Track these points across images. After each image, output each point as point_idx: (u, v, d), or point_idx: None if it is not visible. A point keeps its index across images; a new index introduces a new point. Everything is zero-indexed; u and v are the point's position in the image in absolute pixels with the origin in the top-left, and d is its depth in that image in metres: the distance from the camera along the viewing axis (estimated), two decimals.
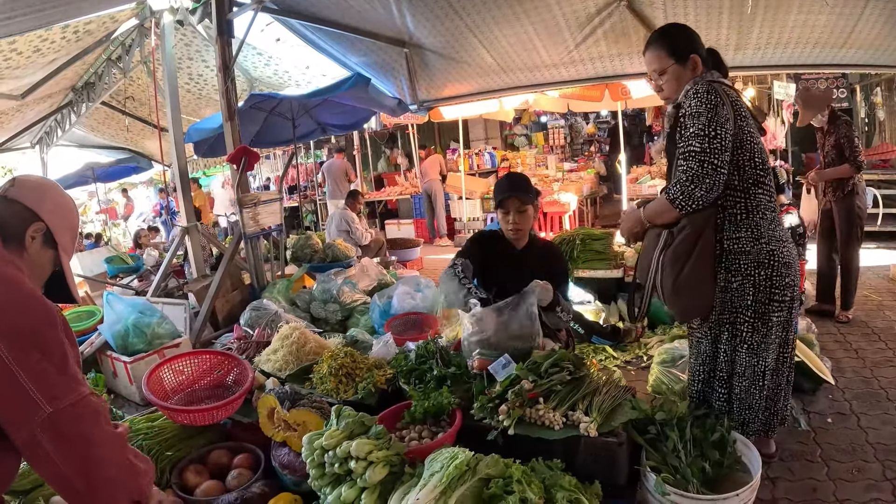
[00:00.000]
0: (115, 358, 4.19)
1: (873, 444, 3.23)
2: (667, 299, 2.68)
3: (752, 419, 2.76)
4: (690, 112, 2.46)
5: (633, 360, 4.68)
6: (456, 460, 1.97)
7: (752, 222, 2.57)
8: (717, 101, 2.44)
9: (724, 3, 4.92)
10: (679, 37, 2.71)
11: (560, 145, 16.30)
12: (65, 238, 1.85)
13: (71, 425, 1.55)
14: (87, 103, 7.90)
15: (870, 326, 4.98)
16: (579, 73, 6.50)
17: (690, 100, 2.49)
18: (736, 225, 2.58)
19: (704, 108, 2.43)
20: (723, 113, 2.43)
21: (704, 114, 2.42)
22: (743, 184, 2.55)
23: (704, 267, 2.57)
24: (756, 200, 2.57)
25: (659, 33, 2.78)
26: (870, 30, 4.90)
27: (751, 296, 2.59)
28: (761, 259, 2.56)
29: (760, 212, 2.58)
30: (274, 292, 5.22)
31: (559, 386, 2.49)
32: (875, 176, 8.44)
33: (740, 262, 2.58)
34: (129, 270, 8.03)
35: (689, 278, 2.56)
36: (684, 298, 2.64)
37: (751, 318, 2.62)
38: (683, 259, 2.55)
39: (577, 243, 5.73)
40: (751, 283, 2.58)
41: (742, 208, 2.57)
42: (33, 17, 4.11)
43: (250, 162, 5.21)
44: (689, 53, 2.64)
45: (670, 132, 2.70)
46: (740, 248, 2.57)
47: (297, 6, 5.44)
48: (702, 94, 2.46)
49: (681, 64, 2.64)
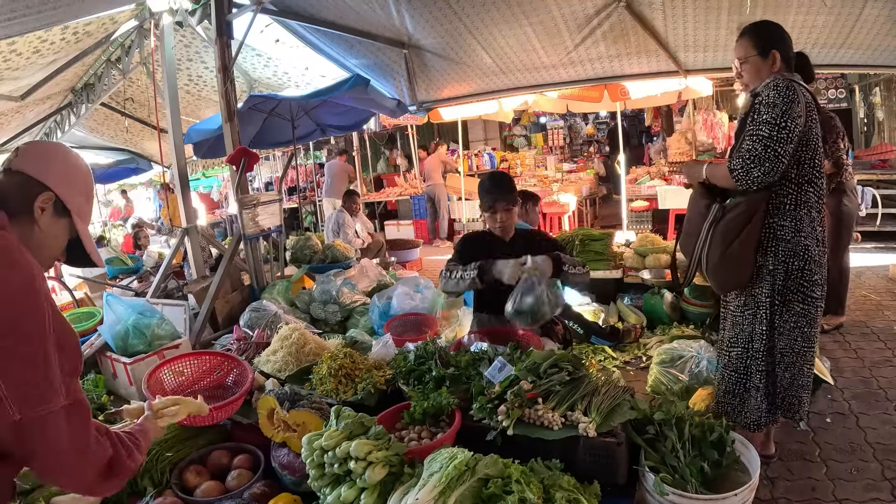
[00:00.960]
0: (114, 359, 4.17)
1: (872, 444, 3.25)
2: (709, 270, 2.87)
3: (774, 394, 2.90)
4: (767, 101, 2.61)
5: (632, 360, 4.69)
6: (455, 460, 1.97)
7: (797, 215, 2.72)
8: (793, 98, 2.58)
9: (722, 3, 4.94)
10: (766, 32, 2.87)
11: (559, 146, 16.34)
12: (77, 202, 1.75)
13: (36, 434, 1.48)
14: (86, 104, 7.88)
15: (869, 326, 5.00)
16: (578, 73, 6.53)
17: (770, 90, 2.63)
18: (782, 214, 2.73)
19: (781, 100, 2.58)
20: (796, 109, 2.58)
21: (780, 105, 2.57)
22: (798, 178, 2.71)
23: (750, 245, 2.76)
24: (805, 196, 2.72)
25: (751, 26, 2.93)
26: (868, 30, 4.92)
27: (781, 281, 2.76)
28: (797, 250, 2.72)
29: (807, 208, 2.73)
30: (274, 293, 5.22)
31: (558, 386, 2.49)
32: (874, 176, 8.44)
33: (779, 248, 2.74)
34: (129, 271, 8.02)
35: (735, 254, 2.76)
36: (727, 272, 2.84)
37: (777, 302, 2.79)
38: (733, 235, 2.74)
39: (576, 244, 5.75)
40: (784, 269, 2.75)
41: (792, 200, 2.72)
42: (33, 18, 4.11)
43: (249, 163, 5.21)
44: (770, 48, 2.78)
45: (744, 118, 2.81)
46: (781, 235, 2.73)
47: (295, 7, 5.45)
48: (781, 88, 2.60)
49: (762, 56, 2.80)
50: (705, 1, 4.95)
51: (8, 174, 1.67)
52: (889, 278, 6.33)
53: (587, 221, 11.43)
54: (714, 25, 5.24)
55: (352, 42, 6.11)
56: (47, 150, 1.79)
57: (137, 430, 1.84)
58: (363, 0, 5.24)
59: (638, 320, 5.15)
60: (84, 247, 1.80)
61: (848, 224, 4.87)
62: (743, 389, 2.97)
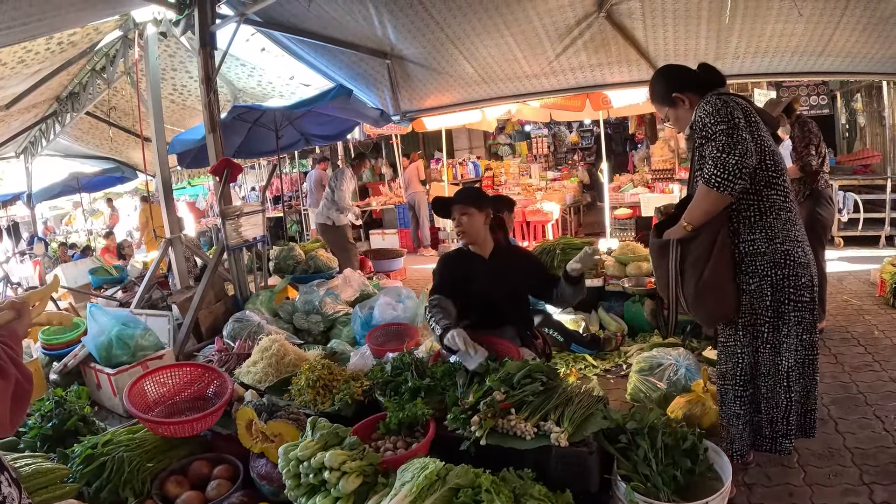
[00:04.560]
0: (98, 370, 4.19)
1: (850, 449, 3.26)
2: (690, 306, 2.74)
3: (781, 420, 2.80)
4: (703, 120, 2.58)
5: (612, 368, 4.71)
6: (426, 470, 2.00)
7: (765, 223, 2.64)
8: (727, 109, 2.54)
9: (702, 13, 5.00)
10: (659, 85, 2.93)
11: (544, 154, 16.38)
12: None
13: None
14: (71, 113, 7.89)
15: (849, 331, 5.03)
16: (560, 83, 6.59)
17: (704, 120, 2.59)
18: (750, 227, 2.65)
19: (711, 108, 2.57)
20: (737, 114, 2.53)
21: (713, 112, 2.55)
22: (755, 186, 2.62)
23: (724, 268, 2.65)
24: (769, 202, 2.64)
25: (650, 86, 2.99)
26: (846, 38, 5.00)
27: (769, 296, 2.65)
28: (777, 259, 2.62)
29: (774, 213, 2.64)
30: (257, 303, 5.22)
31: (531, 396, 2.51)
32: (856, 181, 8.55)
33: (756, 264, 2.65)
34: (114, 282, 7.99)
35: (710, 280, 2.64)
36: (708, 302, 2.70)
37: (771, 318, 2.69)
38: (703, 262, 2.63)
39: (557, 252, 5.76)
40: (768, 284, 2.64)
41: (755, 210, 2.64)
42: (18, 30, 4.13)
43: (233, 174, 5.21)
44: (671, 96, 2.83)
45: (693, 153, 2.82)
46: (755, 249, 2.64)
47: (279, 18, 5.47)
48: (711, 112, 2.57)
49: (672, 106, 2.86)
50: (685, 10, 5.01)
51: None
52: (870, 283, 6.39)
53: (571, 230, 11.46)
54: (694, 34, 5.31)
55: (335, 52, 6.13)
56: None
57: (12, 336, 1.68)
58: (346, 11, 5.27)
59: (619, 328, 5.18)
60: None
61: (819, 233, 4.83)
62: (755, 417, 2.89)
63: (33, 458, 2.78)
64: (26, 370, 1.59)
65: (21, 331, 1.74)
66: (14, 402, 1.51)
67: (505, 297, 3.42)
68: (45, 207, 16.87)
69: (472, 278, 3.41)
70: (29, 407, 1.69)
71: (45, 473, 2.63)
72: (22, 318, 1.74)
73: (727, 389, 2.89)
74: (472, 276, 3.40)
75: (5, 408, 1.48)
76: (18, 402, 1.53)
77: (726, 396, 2.90)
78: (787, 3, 4.62)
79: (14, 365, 1.55)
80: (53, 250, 11.41)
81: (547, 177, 13.38)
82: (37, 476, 2.59)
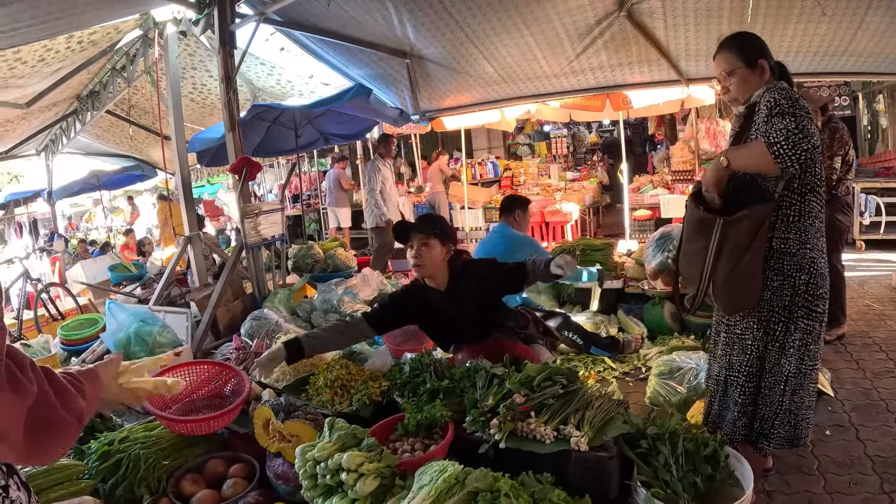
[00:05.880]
0: None
1: (871, 457, 3.20)
2: (717, 290, 2.68)
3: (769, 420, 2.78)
4: (782, 110, 2.46)
5: (631, 370, 4.66)
6: (445, 473, 1.98)
7: (801, 226, 2.61)
8: (803, 103, 2.48)
9: (723, 12, 4.95)
10: (749, 43, 2.79)
11: (563, 154, 16.31)
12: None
13: None
14: (91, 112, 7.95)
15: (871, 336, 4.94)
16: (580, 83, 6.56)
17: (775, 95, 2.52)
18: (787, 226, 2.61)
19: (794, 101, 2.47)
20: (810, 112, 2.47)
21: (795, 106, 2.45)
22: (801, 188, 2.59)
23: (758, 261, 2.61)
24: (809, 207, 2.61)
25: (730, 38, 2.85)
26: (870, 38, 4.92)
27: (787, 297, 2.63)
28: (803, 264, 2.60)
29: (810, 219, 2.62)
30: (275, 302, 5.23)
31: (551, 400, 2.49)
32: (878, 184, 8.40)
33: (784, 263, 2.62)
34: (133, 278, 8.06)
35: (744, 271, 2.59)
36: (736, 292, 2.67)
37: (784, 320, 2.67)
38: (741, 251, 2.57)
39: (577, 255, 5.73)
40: (790, 285, 2.62)
41: (796, 211, 2.60)
42: (37, 28, 4.16)
43: (252, 172, 5.23)
44: (757, 59, 2.71)
45: (739, 132, 2.75)
46: (787, 248, 2.61)
47: (298, 17, 5.48)
48: (787, 92, 2.51)
49: (749, 68, 2.72)
50: (706, 10, 4.96)
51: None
52: (892, 287, 6.29)
53: (590, 230, 11.40)
54: (715, 34, 5.23)
55: (354, 52, 6.13)
56: None
57: (84, 372, 1.62)
58: (365, 10, 5.27)
59: (639, 331, 5.13)
60: None
61: (836, 238, 4.78)
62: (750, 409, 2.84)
63: None
64: (73, 403, 1.48)
65: (104, 376, 1.71)
66: (36, 426, 1.38)
67: (475, 316, 3.36)
68: (66, 205, 17.03)
69: (433, 313, 3.36)
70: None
71: (61, 470, 2.63)
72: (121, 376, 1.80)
73: (731, 378, 2.86)
74: (432, 312, 3.36)
75: (18, 428, 1.35)
76: (43, 429, 1.40)
77: (728, 385, 2.87)
78: (810, 3, 4.55)
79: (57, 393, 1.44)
80: (73, 247, 11.52)
81: (566, 177, 13.32)
82: (52, 472, 2.59)
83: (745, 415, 2.84)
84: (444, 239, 3.28)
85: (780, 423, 2.75)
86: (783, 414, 2.74)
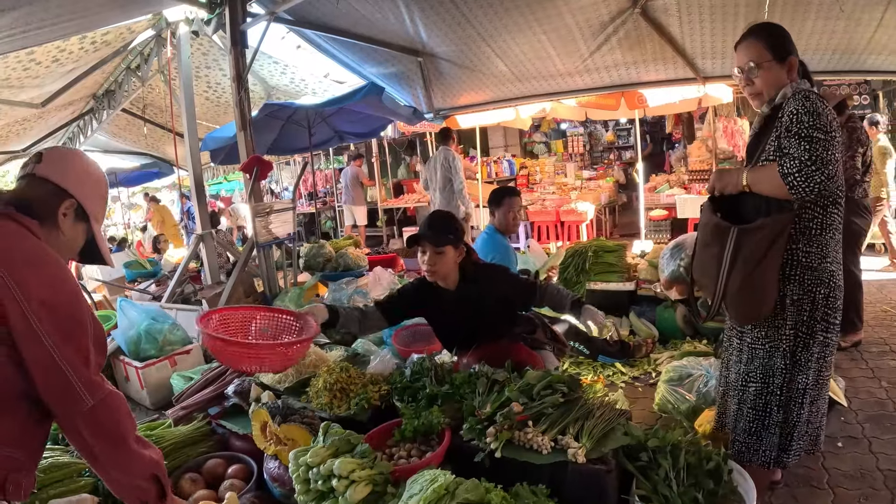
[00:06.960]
0: (127, 363, 4.31)
1: (883, 471, 3.10)
2: (730, 298, 2.59)
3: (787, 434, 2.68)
4: (808, 110, 2.35)
5: (641, 375, 4.59)
6: (435, 483, 1.94)
7: (823, 240, 2.50)
8: (828, 119, 2.34)
9: (739, 9, 4.86)
10: (780, 34, 2.61)
11: (579, 153, 16.22)
12: (95, 207, 1.92)
13: (106, 417, 1.74)
14: (107, 110, 8.02)
15: (888, 343, 4.82)
16: (594, 81, 6.48)
17: (804, 101, 2.38)
18: (809, 239, 2.50)
19: (822, 108, 2.35)
20: (834, 126, 2.35)
21: (823, 114, 2.34)
22: (823, 200, 2.46)
23: (773, 271, 2.50)
24: (831, 219, 2.50)
25: (759, 27, 2.67)
26: (889, 36, 4.81)
27: (807, 311, 2.53)
28: (823, 278, 2.50)
29: (831, 231, 2.51)
30: (286, 300, 5.22)
31: (550, 409, 2.43)
32: None
33: (805, 277, 2.51)
34: (147, 275, 8.13)
35: (758, 281, 2.49)
36: (750, 301, 2.57)
37: (803, 334, 2.56)
38: (757, 259, 2.46)
39: (589, 255, 5.67)
40: (810, 299, 2.52)
41: (818, 224, 2.49)
42: (48, 29, 4.19)
43: (263, 171, 5.23)
44: (788, 53, 2.56)
45: (760, 131, 2.64)
46: (809, 262, 2.50)
47: (309, 17, 5.47)
48: (814, 99, 2.38)
49: (779, 61, 2.55)
50: (721, 6, 4.87)
51: (32, 180, 1.81)
52: None
53: (606, 230, 11.31)
54: (731, 31, 5.15)
55: (367, 50, 6.12)
56: (67, 156, 1.93)
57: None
58: (376, 9, 5.25)
59: (650, 334, 5.05)
60: (98, 247, 1.96)
61: (852, 242, 4.64)
62: (762, 427, 2.73)
63: (51, 450, 2.80)
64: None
65: None
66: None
67: (481, 320, 3.30)
68: None
69: (440, 312, 3.35)
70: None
71: (62, 467, 2.65)
72: None
73: (743, 387, 2.76)
74: (438, 311, 3.34)
75: None
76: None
77: (743, 393, 2.76)
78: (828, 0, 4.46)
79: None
80: None
81: (582, 176, 13.23)
82: (53, 470, 2.61)
83: (760, 429, 2.73)
84: (456, 243, 3.21)
85: (798, 436, 2.66)
86: (801, 425, 2.65)
